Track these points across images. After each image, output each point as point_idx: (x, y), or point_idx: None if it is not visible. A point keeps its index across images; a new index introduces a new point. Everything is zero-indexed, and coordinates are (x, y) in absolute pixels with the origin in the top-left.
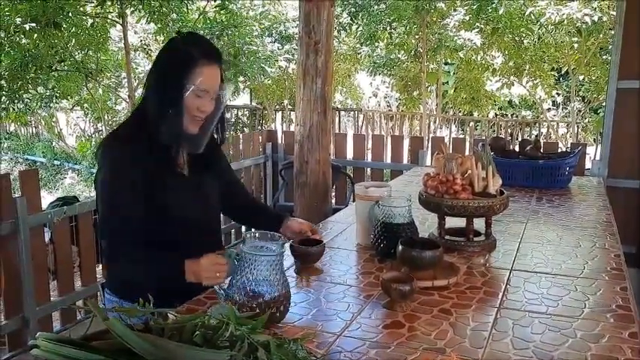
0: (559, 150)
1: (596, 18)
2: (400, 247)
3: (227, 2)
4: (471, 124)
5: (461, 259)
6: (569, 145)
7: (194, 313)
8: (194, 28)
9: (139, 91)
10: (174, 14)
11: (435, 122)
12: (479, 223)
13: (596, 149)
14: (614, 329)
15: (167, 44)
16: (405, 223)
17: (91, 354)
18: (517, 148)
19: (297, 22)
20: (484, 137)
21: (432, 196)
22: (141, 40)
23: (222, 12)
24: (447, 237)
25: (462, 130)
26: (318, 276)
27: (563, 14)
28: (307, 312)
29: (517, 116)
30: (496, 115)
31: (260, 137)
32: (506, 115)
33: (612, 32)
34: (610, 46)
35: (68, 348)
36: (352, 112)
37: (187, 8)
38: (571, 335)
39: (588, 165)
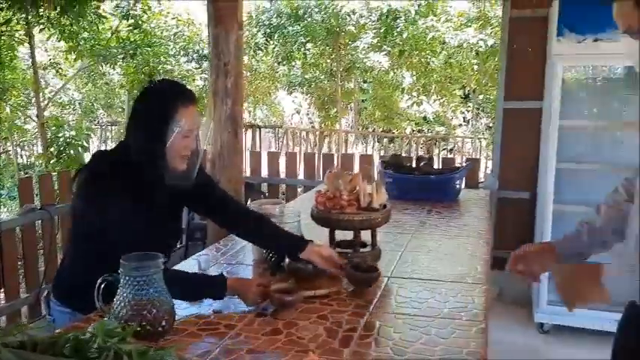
0: (456, 165)
1: (490, 42)
2: (287, 261)
3: (140, 22)
4: (385, 140)
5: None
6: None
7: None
8: (107, 47)
9: (49, 111)
10: (85, 33)
11: (353, 139)
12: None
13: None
14: (464, 326)
15: (145, 92)
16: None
17: None
18: (414, 164)
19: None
20: (397, 154)
21: (322, 212)
22: (50, 59)
23: (135, 31)
24: (337, 249)
25: (382, 145)
26: None
27: (461, 39)
28: (194, 325)
29: (432, 132)
30: (413, 130)
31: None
32: (423, 130)
33: None
34: None
35: None
36: (274, 129)
37: (98, 27)
38: (427, 333)
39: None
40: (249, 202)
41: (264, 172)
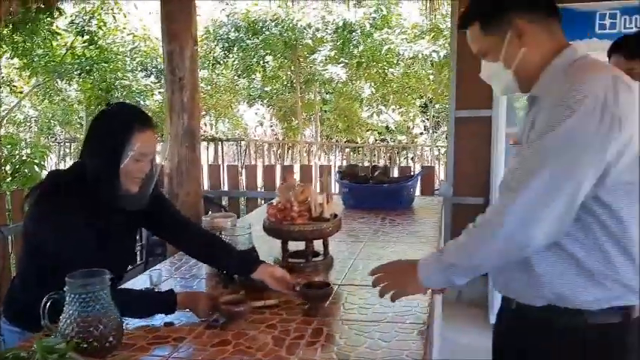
0: (412, 173)
1: (443, 53)
2: None
3: (96, 38)
4: (347, 150)
5: (301, 279)
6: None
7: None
8: (62, 63)
9: (4, 129)
10: (40, 50)
11: (316, 150)
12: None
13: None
14: (407, 329)
15: (101, 116)
16: (246, 249)
17: None
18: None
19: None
20: (353, 164)
21: (273, 223)
22: (3, 76)
23: (91, 47)
24: (290, 259)
25: (344, 156)
26: None
27: (416, 51)
28: (144, 339)
29: (394, 141)
30: (376, 140)
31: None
32: (386, 139)
33: None
34: None
35: None
36: (237, 142)
37: (52, 44)
38: (371, 337)
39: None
40: (203, 217)
41: (226, 185)
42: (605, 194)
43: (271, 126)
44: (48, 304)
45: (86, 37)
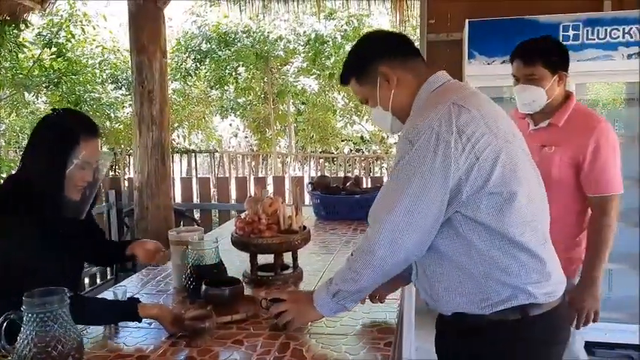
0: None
1: None
2: (204, 287)
3: (64, 50)
4: (321, 160)
5: (270, 292)
6: None
7: None
8: (29, 76)
9: None
10: (6, 62)
11: (290, 161)
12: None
13: None
14: (375, 341)
15: (45, 122)
16: (214, 264)
17: None
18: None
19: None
20: (325, 175)
21: (241, 236)
22: None
23: (59, 59)
24: (259, 273)
25: (319, 167)
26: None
27: None
28: (106, 359)
29: (369, 151)
30: (351, 150)
31: (101, 185)
32: (361, 150)
33: None
34: None
35: None
36: (210, 154)
37: (18, 56)
38: (338, 350)
39: None
40: (169, 231)
41: (198, 198)
42: (465, 209)
43: (246, 137)
44: (4, 324)
45: (54, 49)
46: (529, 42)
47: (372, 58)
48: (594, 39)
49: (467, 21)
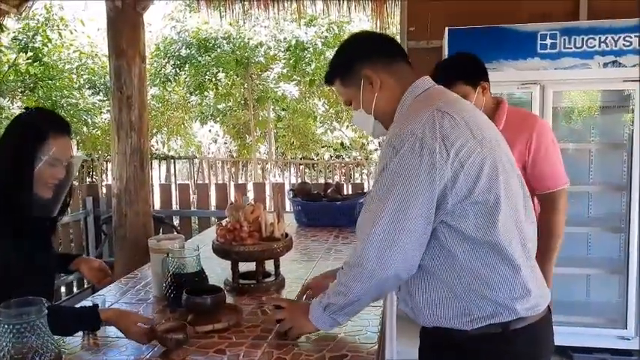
0: (365, 190)
1: None
2: (185, 296)
3: (41, 55)
4: (301, 167)
5: (252, 301)
6: None
7: None
8: (4, 81)
9: None
10: None
11: (270, 167)
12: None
13: None
14: (358, 349)
15: (17, 120)
16: (194, 272)
17: None
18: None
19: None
20: (305, 182)
21: (222, 244)
22: None
23: (35, 64)
24: (241, 280)
25: (299, 173)
26: (104, 329)
27: None
28: None
29: (349, 157)
30: (331, 156)
31: (79, 192)
32: (341, 156)
33: None
34: None
35: None
36: (189, 160)
37: None
38: (321, 358)
39: None
40: (149, 239)
41: (177, 204)
42: (451, 218)
43: (225, 143)
44: None
45: (30, 53)
46: (444, 63)
47: (356, 60)
48: (571, 47)
49: (447, 29)
